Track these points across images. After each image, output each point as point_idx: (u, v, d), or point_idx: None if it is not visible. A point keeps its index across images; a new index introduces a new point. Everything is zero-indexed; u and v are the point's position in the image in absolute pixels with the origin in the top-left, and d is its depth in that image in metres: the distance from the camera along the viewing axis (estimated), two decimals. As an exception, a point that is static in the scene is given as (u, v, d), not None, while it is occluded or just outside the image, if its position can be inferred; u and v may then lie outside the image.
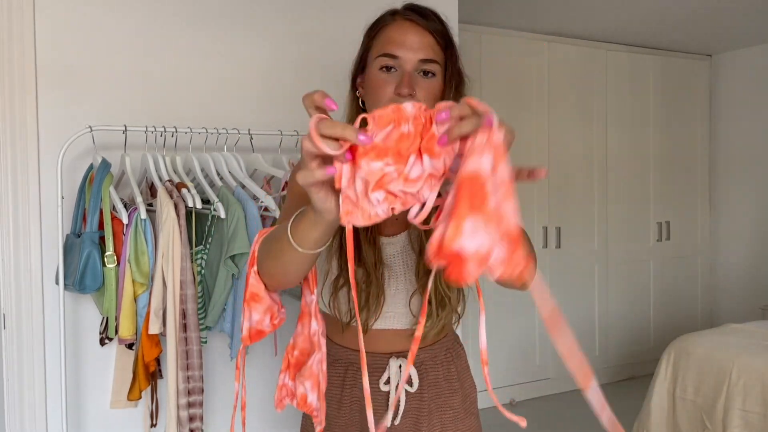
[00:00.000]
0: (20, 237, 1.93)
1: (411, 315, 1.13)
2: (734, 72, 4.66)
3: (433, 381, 1.18)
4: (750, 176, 4.59)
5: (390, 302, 1.12)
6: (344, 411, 1.17)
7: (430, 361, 1.18)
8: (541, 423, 3.68)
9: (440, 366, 1.20)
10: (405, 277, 1.12)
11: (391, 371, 1.13)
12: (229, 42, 2.22)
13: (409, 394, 1.15)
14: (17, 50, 1.92)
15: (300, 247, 0.83)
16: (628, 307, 4.49)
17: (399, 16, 1.05)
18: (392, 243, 1.12)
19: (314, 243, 0.82)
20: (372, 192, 0.67)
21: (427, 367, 1.18)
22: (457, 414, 1.22)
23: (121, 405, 1.94)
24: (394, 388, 1.12)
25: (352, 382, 1.17)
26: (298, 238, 0.82)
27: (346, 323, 1.13)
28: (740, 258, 4.67)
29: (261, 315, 0.96)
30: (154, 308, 1.76)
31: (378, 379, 1.14)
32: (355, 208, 0.69)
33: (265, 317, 0.96)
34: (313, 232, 0.80)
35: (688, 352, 2.83)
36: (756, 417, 2.51)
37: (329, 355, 1.15)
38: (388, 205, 0.69)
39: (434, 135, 0.67)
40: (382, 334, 1.14)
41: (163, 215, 1.75)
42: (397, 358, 1.14)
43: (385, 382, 1.14)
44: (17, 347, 1.94)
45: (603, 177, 4.35)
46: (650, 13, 3.70)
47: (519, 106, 4.02)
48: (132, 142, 1.93)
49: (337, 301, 1.11)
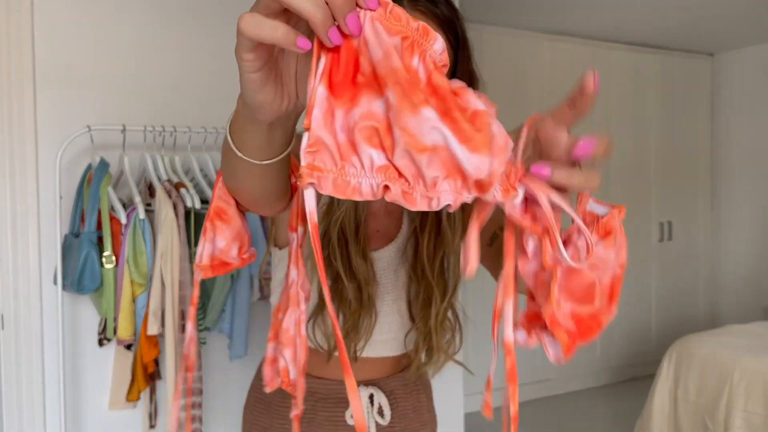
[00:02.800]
0: (18, 237, 1.93)
1: (403, 349, 1.01)
2: (736, 71, 4.65)
3: (402, 412, 1.06)
4: (753, 176, 4.58)
5: (382, 322, 0.97)
6: None
7: (401, 390, 1.06)
8: (542, 423, 3.67)
9: (411, 395, 1.07)
10: (396, 295, 0.98)
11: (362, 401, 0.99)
12: (227, 41, 2.20)
13: (380, 427, 1.03)
14: (15, 50, 1.91)
15: (243, 153, 0.59)
16: (630, 307, 4.48)
17: (407, 2, 0.87)
18: (380, 258, 0.97)
19: (257, 150, 0.59)
20: (365, 145, 0.42)
21: (398, 396, 1.05)
22: None
23: (119, 406, 1.94)
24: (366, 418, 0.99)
25: (311, 417, 1.01)
26: (238, 141, 0.59)
27: (331, 351, 0.95)
28: (743, 258, 4.65)
29: (228, 242, 0.73)
30: (152, 309, 1.75)
31: (344, 412, 1.01)
32: (328, 165, 0.42)
33: (233, 246, 0.74)
34: (247, 133, 0.57)
35: (690, 353, 2.82)
36: (758, 418, 2.50)
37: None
38: (382, 181, 0.43)
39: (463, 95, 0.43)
40: (364, 363, 1.00)
41: (162, 215, 1.74)
42: (366, 387, 1.01)
43: (350, 415, 1.00)
44: (15, 348, 1.93)
45: (604, 176, 4.34)
46: (652, 11, 3.69)
47: (520, 104, 4.01)
48: (130, 142, 1.92)
49: (322, 325, 0.94)
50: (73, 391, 1.99)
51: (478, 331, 3.83)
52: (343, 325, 0.92)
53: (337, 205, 0.92)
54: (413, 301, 0.97)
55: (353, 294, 0.92)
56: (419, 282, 0.95)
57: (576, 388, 4.23)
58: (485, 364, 0.84)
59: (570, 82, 4.14)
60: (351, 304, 0.92)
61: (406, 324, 0.99)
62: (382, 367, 1.03)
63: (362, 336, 0.94)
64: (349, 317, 0.92)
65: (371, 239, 0.96)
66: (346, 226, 0.91)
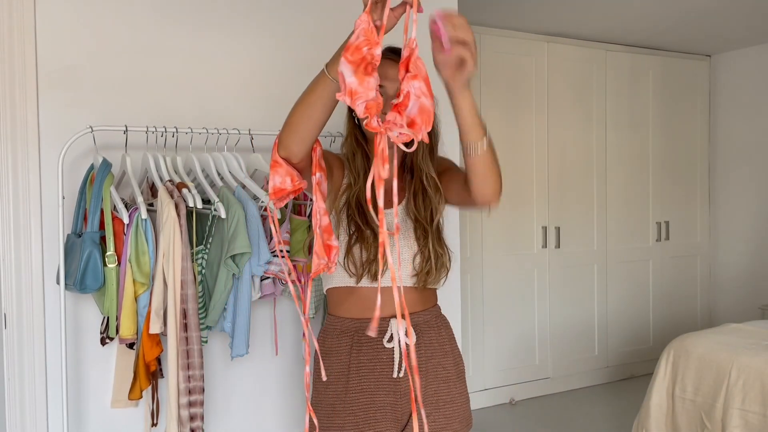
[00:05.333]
0: (21, 237, 1.94)
1: (414, 271, 1.39)
2: (733, 72, 4.67)
3: (427, 342, 1.41)
4: (749, 176, 4.60)
5: (393, 259, 1.32)
6: (353, 375, 1.36)
7: (424, 324, 1.42)
8: (541, 423, 3.68)
9: (432, 329, 1.43)
10: (404, 242, 1.39)
11: (393, 329, 1.35)
12: (229, 42, 2.23)
13: (409, 348, 1.32)
14: (18, 51, 1.92)
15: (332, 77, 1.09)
16: (628, 306, 4.50)
17: (382, 57, 1.37)
18: (390, 213, 1.37)
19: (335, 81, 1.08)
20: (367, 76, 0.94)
21: (422, 329, 1.41)
22: (449, 375, 1.43)
23: (121, 404, 1.95)
24: (397, 343, 1.35)
25: (357, 347, 1.38)
26: (333, 72, 1.08)
27: (360, 276, 1.35)
28: (739, 258, 4.67)
29: (282, 177, 1.18)
30: (154, 308, 1.77)
31: (382, 339, 1.37)
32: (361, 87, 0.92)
33: (286, 179, 1.18)
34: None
35: (687, 352, 2.83)
36: (755, 416, 2.52)
37: (335, 329, 1.42)
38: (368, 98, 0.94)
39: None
40: (387, 293, 1.33)
41: (164, 215, 1.75)
42: (396, 319, 1.33)
43: (387, 340, 1.36)
44: (18, 347, 1.94)
45: (602, 177, 4.36)
46: (649, 13, 3.71)
47: (519, 106, 4.02)
48: (133, 143, 1.93)
49: (351, 257, 1.35)
50: (75, 390, 2.01)
51: (478, 329, 3.83)
52: (367, 257, 1.34)
53: (354, 184, 1.40)
54: (419, 236, 1.39)
55: (371, 237, 1.34)
56: (418, 223, 1.40)
57: (574, 387, 4.24)
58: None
59: (569, 83, 4.16)
60: (370, 243, 1.34)
61: (413, 248, 1.39)
62: (405, 298, 1.30)
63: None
64: (369, 251, 1.34)
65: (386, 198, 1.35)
66: (360, 197, 1.38)
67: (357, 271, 1.36)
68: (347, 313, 1.41)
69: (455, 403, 1.42)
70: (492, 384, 3.94)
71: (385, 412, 1.36)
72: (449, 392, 1.41)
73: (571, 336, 4.25)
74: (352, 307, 1.40)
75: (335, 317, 1.44)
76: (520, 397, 4.04)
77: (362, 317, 1.39)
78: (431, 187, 1.41)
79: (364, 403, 1.36)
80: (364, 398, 1.36)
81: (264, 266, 1.86)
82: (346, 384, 1.37)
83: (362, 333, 1.38)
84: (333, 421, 1.37)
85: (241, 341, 1.87)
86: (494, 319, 3.94)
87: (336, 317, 1.43)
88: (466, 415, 1.45)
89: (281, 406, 2.30)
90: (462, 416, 1.43)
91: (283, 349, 2.26)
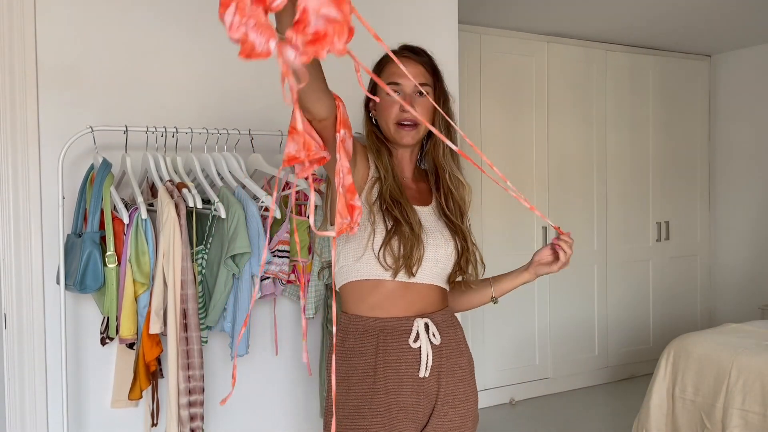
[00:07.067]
0: (21, 237, 1.94)
1: (446, 271, 1.43)
2: (733, 72, 4.67)
3: (446, 341, 1.42)
4: (749, 176, 4.60)
5: (429, 256, 1.38)
6: (379, 376, 1.35)
7: (443, 324, 1.42)
8: (541, 423, 3.69)
9: (450, 329, 1.44)
10: (438, 241, 1.41)
11: (419, 328, 1.36)
12: (229, 43, 2.22)
13: (434, 347, 1.37)
14: (18, 50, 1.92)
15: None
16: (628, 307, 4.50)
17: (398, 55, 1.40)
18: (422, 211, 1.42)
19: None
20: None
21: (442, 328, 1.42)
22: (464, 374, 1.45)
23: (121, 404, 1.95)
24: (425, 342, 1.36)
25: (384, 348, 1.36)
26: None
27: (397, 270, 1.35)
28: (739, 258, 4.67)
29: (298, 146, 1.08)
30: (154, 308, 1.77)
31: (407, 339, 1.36)
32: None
33: (302, 150, 1.09)
34: None
35: (687, 352, 2.83)
36: (755, 416, 2.52)
37: (356, 329, 1.38)
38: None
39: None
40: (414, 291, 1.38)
41: (164, 215, 1.76)
42: (422, 318, 1.38)
43: (413, 339, 1.36)
44: (18, 347, 1.94)
45: (602, 177, 4.36)
46: (649, 13, 3.71)
47: (518, 106, 4.03)
48: (133, 143, 1.93)
49: (390, 249, 1.34)
50: (75, 390, 2.01)
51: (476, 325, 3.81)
52: (403, 251, 1.34)
53: (384, 179, 1.39)
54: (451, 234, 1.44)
55: (408, 231, 1.34)
56: (449, 221, 1.44)
57: (574, 387, 4.24)
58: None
59: (568, 84, 4.16)
60: (408, 238, 1.34)
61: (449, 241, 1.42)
62: (429, 297, 1.41)
63: (415, 258, 1.34)
64: (406, 246, 1.34)
65: (412, 200, 1.43)
66: (393, 191, 1.38)
67: (394, 264, 1.35)
68: (370, 311, 1.38)
69: (469, 402, 1.45)
70: (492, 384, 3.94)
71: (407, 412, 1.37)
72: (465, 391, 1.44)
73: (572, 336, 4.25)
74: (375, 304, 1.37)
75: (355, 316, 1.39)
76: (520, 397, 4.04)
77: (387, 316, 1.37)
78: (454, 185, 1.47)
79: (388, 404, 1.36)
80: (388, 399, 1.36)
81: (264, 266, 1.86)
82: (372, 385, 1.35)
83: (388, 333, 1.36)
84: (359, 424, 1.35)
85: (241, 341, 1.87)
86: (494, 319, 3.94)
87: (356, 316, 1.39)
88: (477, 413, 1.49)
89: (281, 406, 2.30)
90: (474, 414, 1.47)
91: (283, 349, 2.26)
